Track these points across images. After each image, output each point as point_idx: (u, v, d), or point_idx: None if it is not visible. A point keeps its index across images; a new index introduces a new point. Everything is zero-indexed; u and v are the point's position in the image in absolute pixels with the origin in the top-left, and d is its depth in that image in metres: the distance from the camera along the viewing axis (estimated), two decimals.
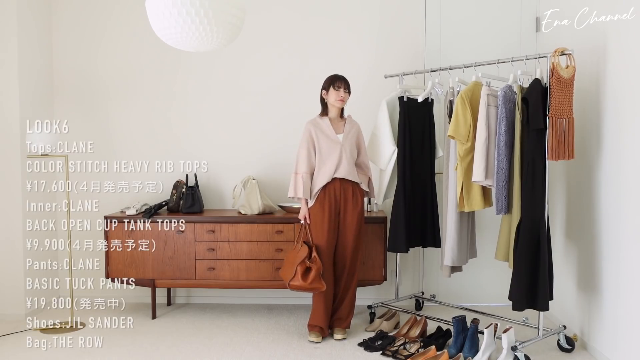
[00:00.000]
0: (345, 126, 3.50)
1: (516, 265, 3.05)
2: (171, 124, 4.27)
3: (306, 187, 3.42)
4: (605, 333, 3.06)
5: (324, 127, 3.46)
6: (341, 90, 3.45)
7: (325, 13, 4.17)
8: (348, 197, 3.44)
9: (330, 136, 3.44)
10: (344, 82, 3.48)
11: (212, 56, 4.18)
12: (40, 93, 4.14)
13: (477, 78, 3.28)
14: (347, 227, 3.44)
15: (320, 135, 3.45)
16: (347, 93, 3.49)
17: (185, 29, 2.55)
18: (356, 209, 3.45)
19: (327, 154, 3.43)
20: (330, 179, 3.41)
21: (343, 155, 3.42)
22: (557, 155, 2.99)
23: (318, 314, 3.44)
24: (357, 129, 3.54)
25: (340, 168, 3.42)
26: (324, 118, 3.49)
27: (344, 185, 3.44)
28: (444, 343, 3.34)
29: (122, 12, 4.24)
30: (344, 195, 3.44)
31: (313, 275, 3.29)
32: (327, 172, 3.41)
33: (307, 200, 3.43)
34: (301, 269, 3.32)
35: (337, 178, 3.42)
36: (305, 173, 3.43)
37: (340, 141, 3.44)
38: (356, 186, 3.47)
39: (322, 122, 3.48)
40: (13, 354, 3.29)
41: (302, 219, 3.46)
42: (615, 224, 2.95)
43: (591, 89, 3.19)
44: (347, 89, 3.48)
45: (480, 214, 3.89)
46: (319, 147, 3.44)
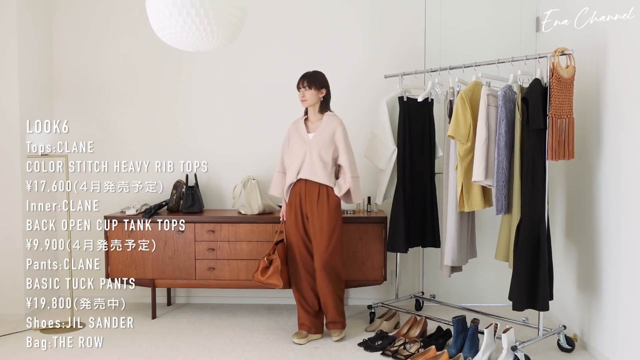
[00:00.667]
0: (320, 124, 3.39)
1: (516, 265, 3.05)
2: (171, 124, 4.27)
3: (275, 185, 3.50)
4: (605, 333, 3.06)
5: (300, 126, 3.46)
6: (301, 90, 3.38)
7: (326, 13, 4.17)
8: (312, 198, 3.35)
9: (302, 136, 3.41)
10: (304, 80, 3.35)
11: (212, 56, 4.18)
12: (40, 93, 4.14)
13: (477, 78, 3.28)
14: (316, 230, 3.36)
15: (294, 135, 3.44)
16: (309, 89, 3.33)
17: (185, 29, 2.55)
18: (322, 212, 3.33)
19: (295, 154, 3.40)
20: (294, 179, 3.39)
21: (307, 156, 3.34)
22: (557, 155, 2.99)
23: (299, 314, 3.48)
24: (334, 127, 3.36)
25: (303, 169, 3.35)
26: (303, 117, 3.49)
27: (309, 186, 3.37)
28: (444, 343, 3.34)
29: (122, 12, 4.23)
30: (308, 197, 3.37)
31: (271, 272, 3.35)
32: (292, 172, 3.40)
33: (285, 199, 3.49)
34: (263, 264, 3.39)
35: (302, 179, 3.38)
36: (277, 172, 3.51)
37: (309, 140, 3.37)
38: (325, 189, 3.35)
39: (300, 122, 3.48)
40: (13, 354, 3.29)
41: (281, 217, 3.52)
42: (615, 224, 2.95)
43: (591, 89, 3.19)
44: (306, 86, 3.34)
45: (480, 214, 3.89)
46: (290, 147, 3.45)
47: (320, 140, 3.35)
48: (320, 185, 3.36)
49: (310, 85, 3.35)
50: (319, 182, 3.35)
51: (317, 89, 3.36)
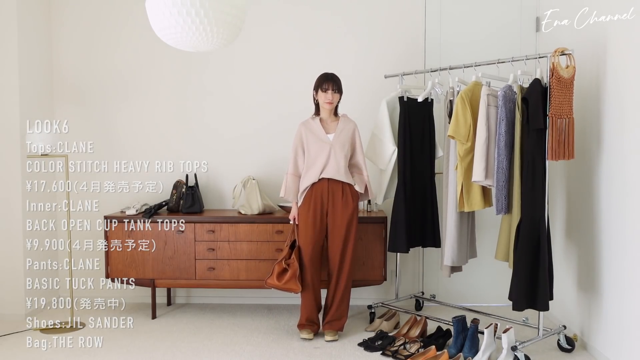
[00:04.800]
0: (338, 125, 3.47)
1: (516, 265, 3.05)
2: (171, 124, 4.27)
3: (290, 188, 3.47)
4: (606, 333, 3.05)
5: (315, 127, 3.46)
6: (329, 93, 3.41)
7: (326, 13, 4.17)
8: (337, 197, 3.41)
9: (320, 136, 3.43)
10: (332, 83, 3.41)
11: (212, 56, 4.19)
12: (40, 93, 4.14)
13: (477, 78, 3.28)
14: (336, 229, 3.41)
15: (309, 136, 3.45)
16: (336, 93, 3.43)
17: (185, 28, 2.55)
18: (346, 210, 3.41)
19: (316, 154, 3.41)
20: (317, 179, 3.40)
21: (332, 156, 3.40)
22: (557, 155, 2.99)
23: (303, 311, 3.48)
24: (352, 128, 3.49)
25: (327, 168, 3.39)
26: (316, 118, 3.49)
27: (332, 185, 3.41)
28: (444, 343, 3.34)
29: (122, 12, 4.23)
30: (332, 195, 3.41)
31: (288, 276, 3.34)
32: (314, 172, 3.40)
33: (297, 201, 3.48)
34: (278, 268, 3.37)
35: (324, 178, 3.41)
36: (291, 174, 3.48)
37: (330, 141, 3.42)
38: (347, 187, 3.43)
39: (313, 123, 3.48)
40: (13, 354, 3.28)
41: (292, 219, 3.49)
42: (615, 224, 2.95)
43: (591, 88, 3.19)
44: (335, 89, 3.42)
45: (480, 214, 3.89)
46: (308, 148, 3.44)
47: (342, 141, 3.43)
48: (343, 184, 3.42)
49: (337, 89, 3.44)
50: (342, 181, 3.41)
51: (340, 93, 3.47)
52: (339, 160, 3.40)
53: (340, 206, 3.40)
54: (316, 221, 3.41)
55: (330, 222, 3.42)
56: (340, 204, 3.41)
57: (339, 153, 3.40)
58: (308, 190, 3.43)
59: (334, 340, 3.44)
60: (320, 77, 3.45)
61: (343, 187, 3.42)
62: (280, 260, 3.39)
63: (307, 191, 3.43)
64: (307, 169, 3.44)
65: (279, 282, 3.36)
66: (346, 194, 3.42)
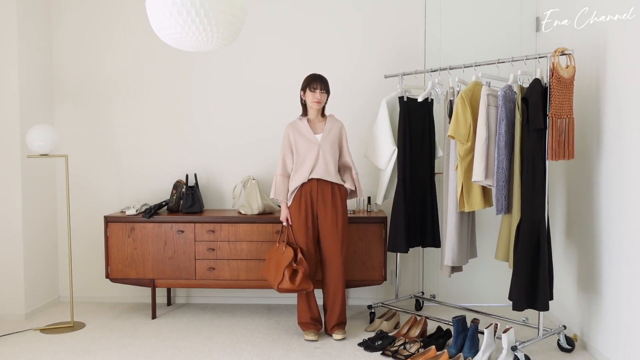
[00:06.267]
0: (325, 126, 3.47)
1: (516, 265, 3.05)
2: (171, 124, 4.27)
3: (279, 188, 3.47)
4: (606, 333, 3.06)
5: (302, 128, 3.46)
6: (317, 92, 3.41)
7: (325, 14, 4.17)
8: (326, 197, 3.42)
9: (308, 137, 3.43)
10: (320, 83, 3.42)
11: (212, 56, 4.19)
12: (41, 93, 4.14)
13: (477, 78, 3.28)
14: (327, 228, 3.41)
15: (298, 137, 3.45)
16: (324, 93, 3.43)
17: (185, 28, 2.55)
18: (335, 209, 3.41)
19: (304, 154, 3.42)
20: (306, 179, 3.40)
21: (320, 156, 3.40)
22: (557, 155, 2.99)
23: (307, 311, 3.48)
24: (339, 128, 3.49)
25: (316, 168, 3.40)
26: (303, 119, 3.49)
27: (321, 186, 3.42)
28: (444, 343, 3.34)
29: (122, 12, 4.24)
30: (321, 195, 3.42)
31: (300, 277, 3.33)
32: (303, 172, 3.41)
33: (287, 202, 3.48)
34: (288, 272, 3.34)
35: (314, 179, 3.41)
36: (280, 175, 3.48)
37: (318, 141, 3.42)
38: (337, 187, 3.44)
39: (301, 124, 3.48)
40: (13, 353, 3.28)
41: (284, 221, 3.49)
42: (615, 224, 2.95)
43: (591, 89, 3.19)
44: (323, 89, 3.42)
45: (480, 214, 3.90)
46: (297, 148, 3.45)
47: (330, 141, 3.44)
48: (332, 184, 3.42)
49: (325, 89, 3.44)
50: (331, 181, 3.41)
51: (328, 93, 3.47)
52: (328, 160, 3.41)
53: (330, 206, 3.41)
54: (307, 221, 3.42)
55: (322, 222, 3.43)
56: (330, 205, 3.41)
57: (327, 153, 3.41)
58: (297, 190, 3.44)
59: (343, 338, 3.44)
60: (308, 77, 3.46)
61: (332, 188, 3.43)
62: (290, 264, 3.36)
63: (297, 191, 3.44)
64: (296, 169, 3.44)
65: (293, 284, 3.33)
66: (335, 195, 3.43)
